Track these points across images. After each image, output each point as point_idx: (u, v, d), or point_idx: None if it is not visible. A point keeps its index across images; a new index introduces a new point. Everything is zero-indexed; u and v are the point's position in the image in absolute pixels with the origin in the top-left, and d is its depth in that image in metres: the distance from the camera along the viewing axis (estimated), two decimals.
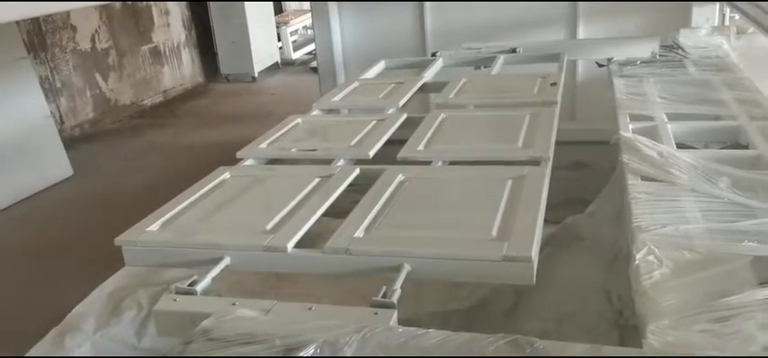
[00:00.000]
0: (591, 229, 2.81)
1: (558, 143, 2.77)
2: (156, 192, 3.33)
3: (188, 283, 1.44)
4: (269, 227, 1.60)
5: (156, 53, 7.75)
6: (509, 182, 1.71)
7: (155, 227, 1.68)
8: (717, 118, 2.45)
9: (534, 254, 1.36)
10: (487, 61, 3.33)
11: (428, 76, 3.09)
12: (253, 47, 8.39)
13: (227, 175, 2.00)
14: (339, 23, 4.62)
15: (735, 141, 2.32)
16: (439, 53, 3.51)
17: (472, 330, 1.22)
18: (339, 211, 1.76)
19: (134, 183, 5.08)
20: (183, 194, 1.87)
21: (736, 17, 3.91)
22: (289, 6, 10.43)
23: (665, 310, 1.35)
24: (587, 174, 3.16)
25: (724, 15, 3.86)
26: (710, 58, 3.22)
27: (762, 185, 1.85)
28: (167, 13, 7.97)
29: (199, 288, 1.42)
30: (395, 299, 1.30)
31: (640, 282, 1.47)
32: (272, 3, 9.21)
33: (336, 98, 2.78)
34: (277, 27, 9.25)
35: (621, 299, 2.37)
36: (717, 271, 1.44)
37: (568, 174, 3.10)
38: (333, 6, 4.55)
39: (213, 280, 1.49)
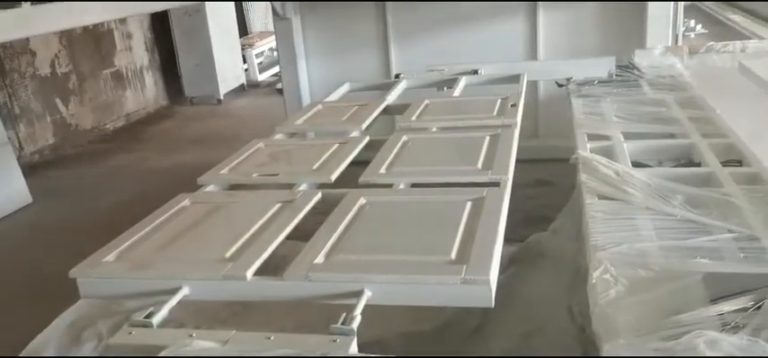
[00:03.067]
0: (554, 247, 2.85)
1: (520, 161, 2.81)
2: (118, 218, 3.27)
3: (144, 315, 1.41)
4: (228, 254, 1.59)
5: (118, 77, 7.64)
6: (468, 204, 1.73)
7: (111, 257, 1.65)
8: (671, 136, 2.52)
9: (492, 276, 1.38)
10: (450, 82, 3.37)
11: (391, 98, 3.11)
12: (218, 69, 8.32)
13: (186, 202, 1.97)
14: (304, 48, 4.64)
15: (688, 159, 2.39)
16: (402, 75, 3.54)
17: (439, 350, 1.23)
18: (305, 234, 1.76)
19: (95, 210, 4.97)
20: (141, 223, 1.84)
21: (691, 36, 4.05)
22: (254, 28, 10.41)
23: (620, 328, 1.38)
24: (550, 192, 3.21)
25: (677, 36, 3.99)
26: (664, 77, 3.32)
27: (714, 202, 1.90)
28: (129, 36, 7.88)
29: (155, 320, 1.39)
30: (354, 325, 1.30)
31: (597, 301, 1.49)
32: (236, 25, 9.16)
33: (299, 121, 2.78)
34: (242, 49, 9.21)
35: (583, 316, 2.41)
36: (670, 288, 1.48)
37: (531, 192, 3.16)
38: (297, 29, 4.57)
39: (171, 311, 1.46)
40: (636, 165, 2.28)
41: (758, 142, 2.29)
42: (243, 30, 9.81)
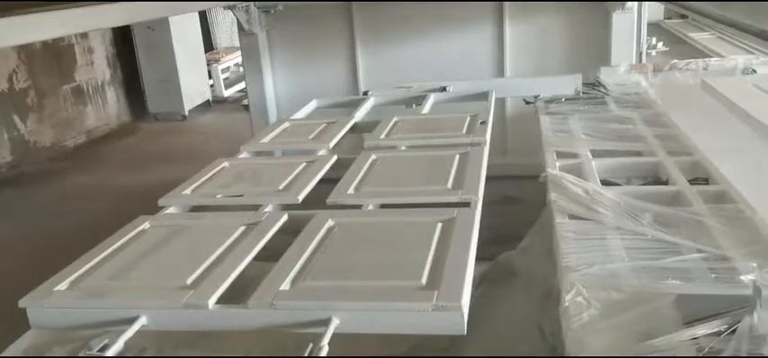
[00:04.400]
0: (524, 265, 2.83)
1: (489, 178, 2.79)
2: (76, 241, 3.15)
3: (98, 348, 1.33)
4: (189, 281, 1.51)
5: (78, 92, 7.44)
6: (439, 225, 1.69)
7: (64, 285, 1.56)
8: (638, 154, 2.53)
9: (464, 302, 1.34)
10: (419, 99, 3.34)
11: (359, 115, 3.07)
12: (182, 85, 8.18)
13: (146, 225, 1.89)
14: (270, 63, 4.58)
15: (655, 176, 2.40)
16: (370, 92, 3.50)
17: None
18: (274, 254, 1.70)
19: (52, 233, 4.76)
20: (97, 248, 1.75)
21: (653, 53, 4.12)
22: (220, 43, 10.28)
23: (594, 353, 1.35)
24: (519, 209, 3.20)
25: (641, 53, 4.04)
26: (630, 94, 3.35)
27: (682, 221, 1.90)
28: (91, 51, 7.70)
29: (109, 354, 1.31)
30: (322, 354, 1.24)
31: (570, 324, 1.47)
32: (201, 40, 9.03)
33: (265, 139, 2.72)
34: (208, 64, 9.08)
35: (554, 336, 2.39)
36: (642, 310, 1.46)
37: (500, 209, 3.13)
38: (263, 44, 4.51)
39: (129, 340, 1.39)
40: (604, 182, 2.28)
41: (723, 160, 2.31)
42: (208, 45, 9.69)
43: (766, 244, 1.71)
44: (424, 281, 1.42)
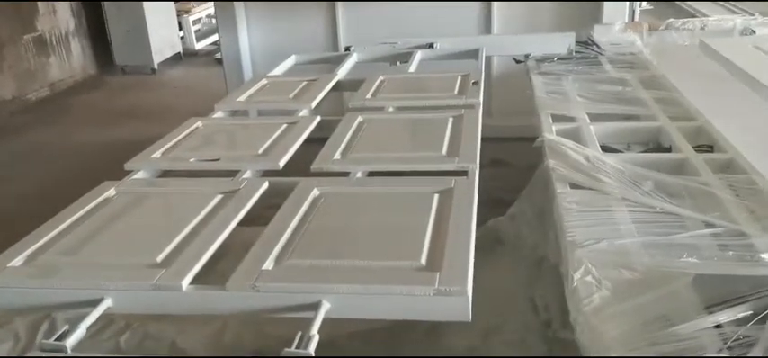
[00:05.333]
0: (512, 233, 2.72)
1: None
2: (35, 205, 2.92)
3: (56, 336, 1.17)
4: (160, 258, 1.36)
5: (41, 43, 7.03)
6: (436, 196, 1.55)
7: (18, 261, 1.40)
8: (637, 118, 2.41)
9: (469, 286, 1.20)
10: (404, 57, 3.17)
11: (342, 73, 2.89)
12: (151, 36, 7.79)
13: (112, 192, 1.72)
14: (245, 16, 4.32)
15: (656, 142, 2.28)
16: (353, 48, 3.32)
17: (396, 351, 1.06)
18: (252, 218, 1.55)
19: (8, 197, 4.40)
20: (56, 218, 1.58)
21: (637, 11, 3.97)
22: None
23: (609, 343, 1.23)
24: (505, 173, 3.08)
25: (634, 12, 3.90)
26: (624, 54, 3.22)
27: (691, 192, 1.79)
28: None
29: (69, 342, 1.16)
30: (312, 348, 1.10)
31: (580, 308, 1.34)
32: None
33: (242, 98, 2.53)
34: (178, 15, 8.67)
35: (548, 310, 2.29)
36: (659, 293, 1.34)
37: (487, 173, 3.00)
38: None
39: (92, 328, 1.23)
40: (604, 149, 2.15)
41: (728, 126, 2.20)
42: None
43: None
44: (423, 261, 1.28)
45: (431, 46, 3.28)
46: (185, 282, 1.27)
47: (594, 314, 1.31)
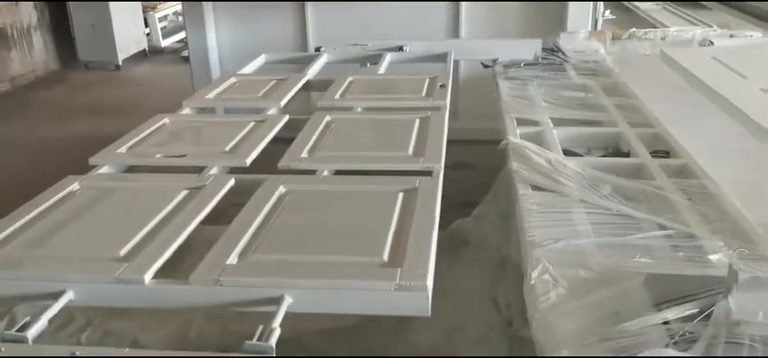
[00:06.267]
0: (477, 233, 2.77)
1: None
2: None
3: (17, 327, 1.17)
4: (123, 252, 1.36)
5: (1, 36, 6.86)
6: (400, 195, 1.58)
7: None
8: (599, 124, 2.48)
9: (429, 282, 1.23)
10: (374, 58, 3.20)
11: (312, 73, 2.91)
12: (116, 32, 7.64)
13: (75, 186, 1.71)
14: (213, 14, 4.30)
15: (616, 147, 2.35)
16: (323, 48, 3.33)
17: (362, 348, 1.09)
18: (218, 222, 1.56)
19: None
20: (18, 211, 1.57)
21: (599, 20, 4.07)
22: None
23: (563, 338, 1.28)
24: (472, 175, 3.12)
25: (596, 20, 4.00)
26: (588, 62, 3.30)
27: (646, 195, 1.85)
28: None
29: (30, 333, 1.16)
30: (273, 340, 1.12)
31: (537, 305, 1.39)
32: None
33: (210, 95, 2.53)
34: (144, 12, 8.51)
35: (510, 308, 2.33)
36: (612, 291, 1.39)
37: (452, 175, 3.04)
38: None
39: (53, 320, 1.23)
40: (566, 152, 2.21)
41: (683, 133, 2.28)
42: None
43: (732, 221, 1.67)
44: (385, 257, 1.31)
45: (401, 49, 3.32)
46: (148, 276, 1.28)
47: (550, 310, 1.36)
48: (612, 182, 1.92)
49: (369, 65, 3.21)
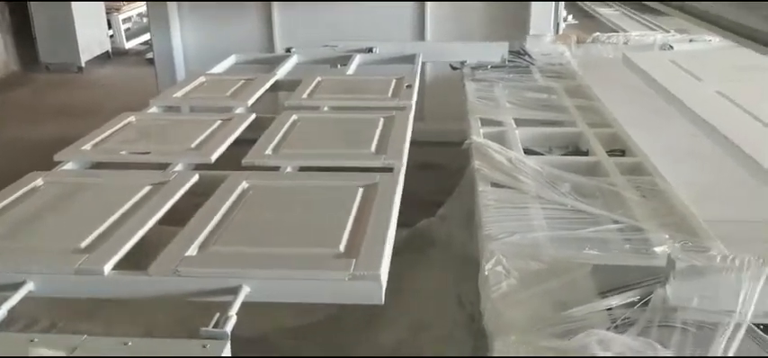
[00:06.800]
0: (443, 233, 2.82)
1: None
2: None
3: None
4: (84, 244, 1.38)
5: None
6: (360, 190, 1.62)
7: None
8: (561, 124, 2.55)
9: (383, 271, 1.28)
10: (344, 60, 3.24)
11: (281, 73, 2.94)
12: (78, 33, 7.51)
13: (39, 182, 1.72)
14: (178, 15, 4.29)
15: (575, 147, 2.42)
16: (294, 49, 3.37)
17: (327, 346, 1.13)
18: (184, 219, 1.58)
19: None
20: None
21: (563, 25, 4.18)
22: None
23: (511, 324, 1.33)
24: (437, 175, 3.18)
25: (558, 24, 4.09)
26: (554, 65, 3.38)
27: (601, 192, 1.92)
28: None
29: None
30: (228, 327, 1.15)
31: (489, 295, 1.44)
32: None
33: (178, 94, 2.55)
34: (107, 13, 8.37)
35: (473, 305, 2.39)
36: (560, 281, 1.45)
37: (420, 176, 3.10)
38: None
39: (14, 309, 1.25)
40: (527, 151, 2.28)
41: (640, 133, 2.36)
42: None
43: (679, 216, 1.74)
44: (342, 248, 1.35)
45: (370, 50, 3.36)
46: (108, 267, 1.30)
47: (501, 300, 1.41)
48: (570, 179, 1.99)
49: (339, 66, 3.25)
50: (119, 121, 2.19)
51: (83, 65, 7.65)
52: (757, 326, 1.21)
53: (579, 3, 4.74)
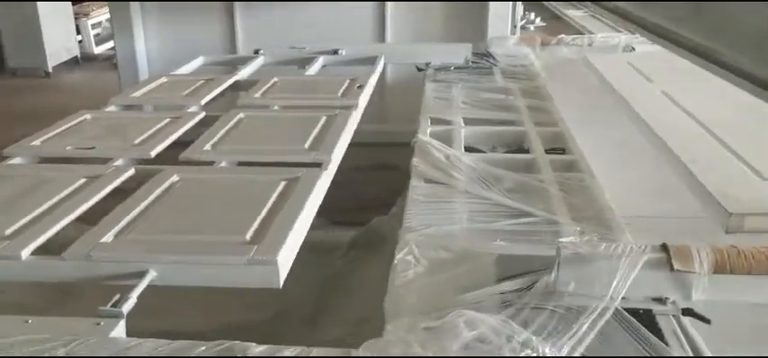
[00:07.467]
0: (394, 230, 2.88)
1: (366, 145, 2.78)
2: None
3: None
4: (8, 232, 1.46)
5: None
6: (282, 184, 1.69)
7: None
8: (507, 123, 2.61)
9: (282, 257, 1.34)
10: (310, 61, 3.31)
11: (244, 74, 3.02)
12: (45, 38, 7.53)
13: None
14: (142, 20, 4.38)
15: (519, 145, 2.48)
16: (262, 51, 3.45)
17: (267, 341, 1.20)
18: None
19: None
20: None
21: (531, 28, 4.24)
22: None
23: (407, 309, 1.39)
24: (394, 176, 3.23)
25: (515, 27, 4.15)
26: (516, 66, 3.44)
27: (529, 187, 1.98)
28: None
29: None
30: (125, 307, 1.22)
31: (394, 281, 1.51)
32: None
33: (137, 93, 2.64)
34: (76, 18, 8.40)
35: None
36: (463, 269, 1.51)
37: (375, 176, 3.16)
38: (134, 2, 4.32)
39: None
40: (469, 149, 2.34)
41: (586, 132, 2.41)
42: None
43: (598, 210, 1.80)
44: (247, 236, 1.42)
45: (336, 52, 3.44)
46: (25, 252, 1.38)
47: (404, 286, 1.48)
48: (502, 175, 2.05)
49: (307, 67, 3.32)
50: (74, 119, 2.27)
51: (50, 69, 7.64)
52: (635, 310, 1.28)
53: (546, 3, 4.80)
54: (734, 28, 1.20)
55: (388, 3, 4.09)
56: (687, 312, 1.26)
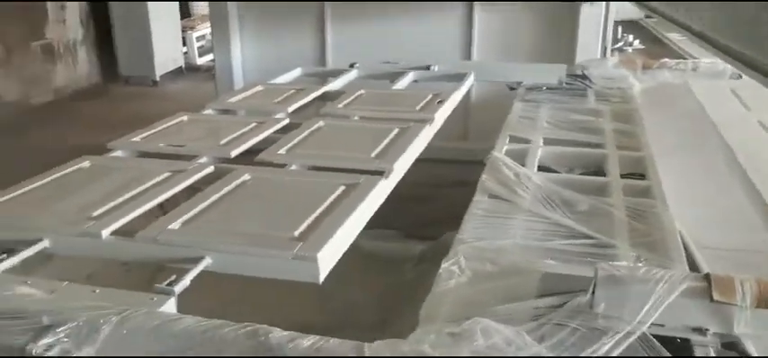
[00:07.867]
0: None
1: (446, 161, 2.81)
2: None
3: None
4: (96, 213, 1.65)
5: (48, 50, 7.37)
6: (341, 188, 1.77)
7: None
8: (588, 145, 2.54)
9: (323, 255, 1.42)
10: (401, 75, 3.40)
11: (336, 85, 3.16)
12: (155, 49, 8.16)
13: (86, 164, 2.04)
14: (239, 32, 4.70)
15: (599, 168, 2.41)
16: (357, 65, 3.58)
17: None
18: None
19: None
20: (37, 176, 1.91)
21: (629, 50, 4.05)
22: (196, 10, 10.18)
23: (440, 315, 1.42)
24: (471, 193, 3.24)
25: (606, 48, 3.99)
26: (612, 89, 3.32)
27: (594, 210, 1.93)
28: (64, 8, 7.66)
29: (2, 266, 1.46)
30: (177, 287, 1.35)
31: (435, 290, 1.53)
32: (177, 4, 8.89)
33: (233, 99, 2.84)
34: (183, 32, 9.01)
35: None
36: (506, 282, 1.51)
37: (453, 193, 3.16)
38: (232, 14, 4.64)
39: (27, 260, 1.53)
40: (545, 169, 2.31)
41: (670, 160, 2.31)
42: (185, 10, 9.57)
43: (661, 237, 1.73)
44: (296, 233, 1.51)
45: (428, 68, 3.50)
46: (106, 232, 1.55)
47: (443, 293, 1.50)
48: (569, 196, 2.01)
49: (396, 81, 3.41)
50: (172, 120, 2.50)
51: (157, 78, 8.26)
52: (671, 338, 1.23)
53: (646, 26, 4.58)
54: None
55: (476, 17, 4.10)
56: (728, 346, 1.20)
